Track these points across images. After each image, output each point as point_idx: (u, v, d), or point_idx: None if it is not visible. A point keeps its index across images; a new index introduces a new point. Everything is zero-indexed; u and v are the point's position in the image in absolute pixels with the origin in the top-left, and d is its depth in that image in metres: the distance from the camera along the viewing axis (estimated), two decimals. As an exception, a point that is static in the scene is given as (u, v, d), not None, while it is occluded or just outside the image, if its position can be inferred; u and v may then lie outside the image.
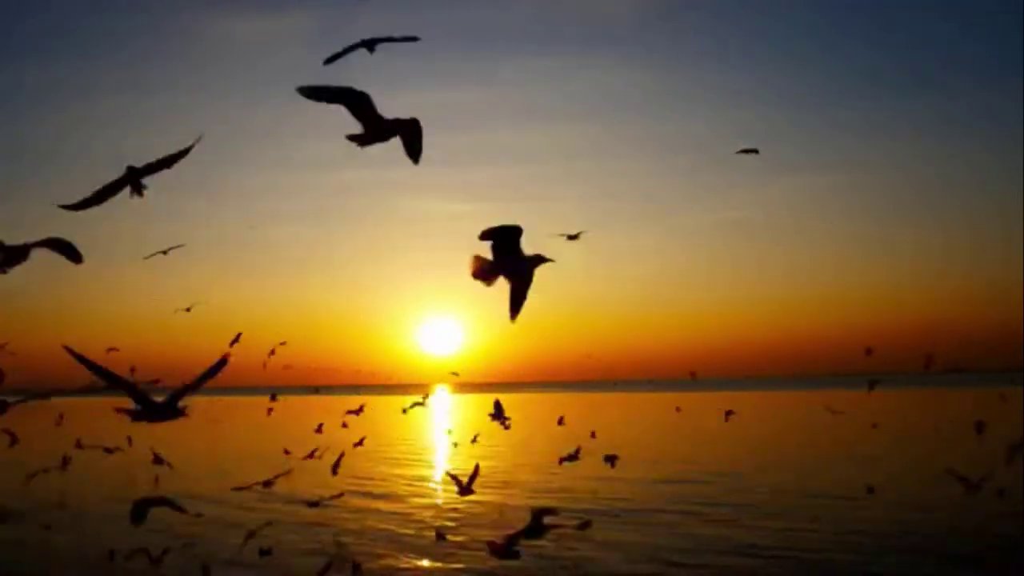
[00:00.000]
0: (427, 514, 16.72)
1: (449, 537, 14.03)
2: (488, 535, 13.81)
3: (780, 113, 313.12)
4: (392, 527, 15.24)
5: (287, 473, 13.52)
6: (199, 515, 10.05)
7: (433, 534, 14.17)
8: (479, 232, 3.85)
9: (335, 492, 15.22)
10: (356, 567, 11.54)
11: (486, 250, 3.94)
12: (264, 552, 12.45)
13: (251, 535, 11.66)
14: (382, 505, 18.03)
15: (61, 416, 29.67)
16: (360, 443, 18.47)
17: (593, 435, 22.64)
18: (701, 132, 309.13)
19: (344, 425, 25.45)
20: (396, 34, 3.96)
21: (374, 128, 3.70)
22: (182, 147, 3.86)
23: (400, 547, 13.49)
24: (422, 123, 3.81)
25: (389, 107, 3.54)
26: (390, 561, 12.58)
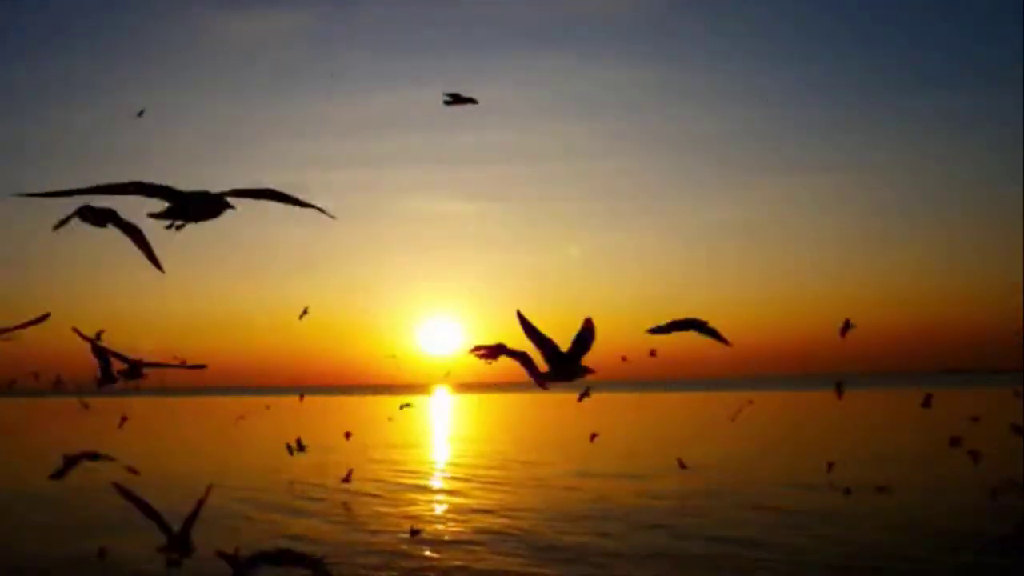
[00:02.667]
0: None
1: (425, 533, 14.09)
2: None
3: (783, 112, 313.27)
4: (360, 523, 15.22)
5: None
6: (133, 471, 9.55)
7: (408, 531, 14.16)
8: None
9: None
10: (316, 562, 11.62)
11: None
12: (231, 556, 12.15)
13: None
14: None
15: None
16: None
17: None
18: (703, 131, 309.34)
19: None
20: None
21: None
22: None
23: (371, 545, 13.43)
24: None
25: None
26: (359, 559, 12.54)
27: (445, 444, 36.03)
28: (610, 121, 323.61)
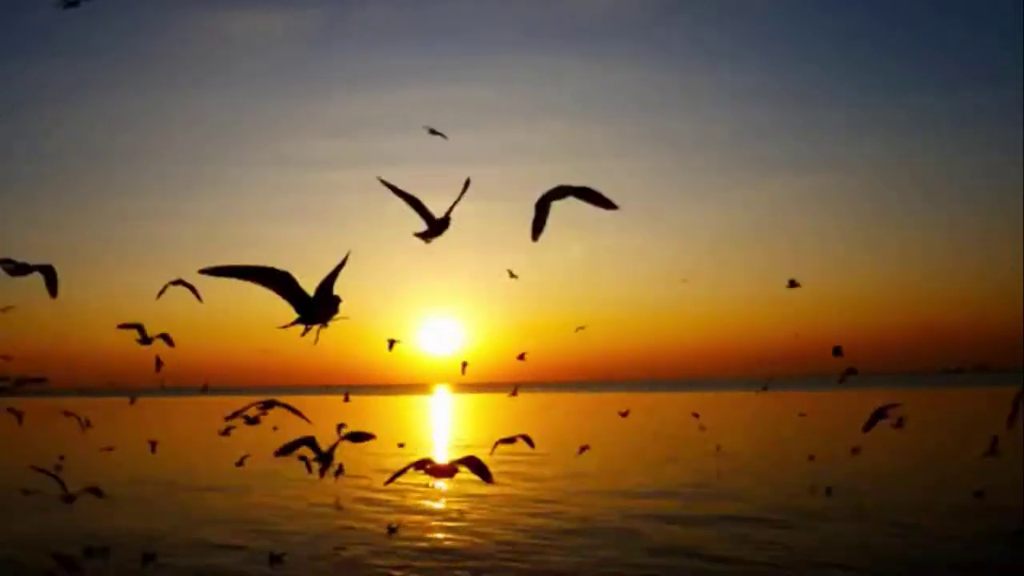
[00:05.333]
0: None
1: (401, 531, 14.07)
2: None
3: (785, 111, 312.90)
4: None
5: None
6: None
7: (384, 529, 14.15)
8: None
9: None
10: (275, 557, 11.71)
11: None
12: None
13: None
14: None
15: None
16: None
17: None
18: (704, 131, 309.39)
19: None
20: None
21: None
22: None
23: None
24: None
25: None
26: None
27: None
28: (611, 121, 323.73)
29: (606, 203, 4.00)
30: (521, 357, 21.91)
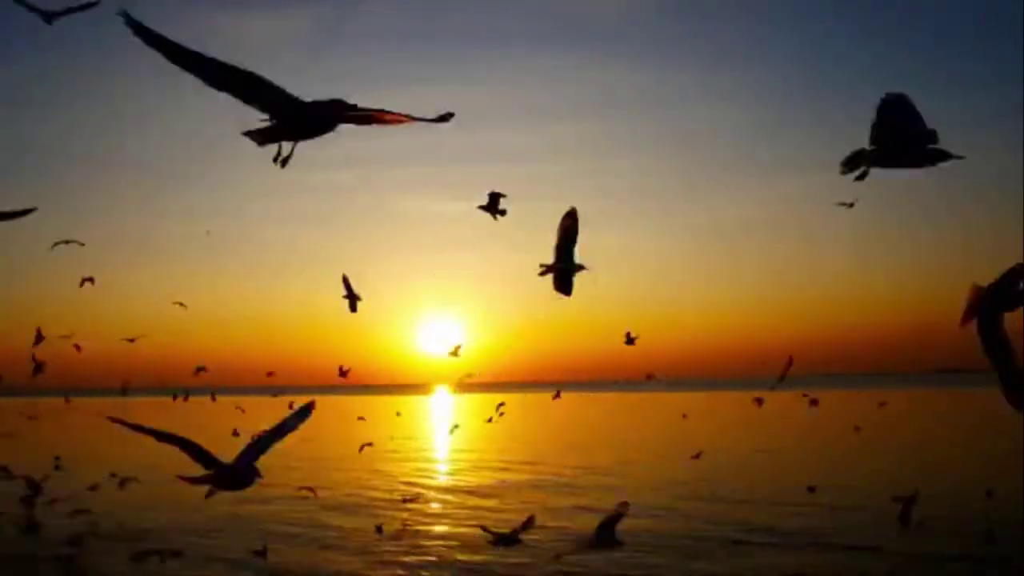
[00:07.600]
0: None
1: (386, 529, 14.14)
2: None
3: (784, 109, 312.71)
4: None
5: None
6: None
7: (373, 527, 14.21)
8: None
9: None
10: (259, 553, 11.74)
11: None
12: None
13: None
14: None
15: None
16: None
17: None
18: (700, 131, 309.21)
19: None
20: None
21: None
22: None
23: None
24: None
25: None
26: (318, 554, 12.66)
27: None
28: (609, 121, 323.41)
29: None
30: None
